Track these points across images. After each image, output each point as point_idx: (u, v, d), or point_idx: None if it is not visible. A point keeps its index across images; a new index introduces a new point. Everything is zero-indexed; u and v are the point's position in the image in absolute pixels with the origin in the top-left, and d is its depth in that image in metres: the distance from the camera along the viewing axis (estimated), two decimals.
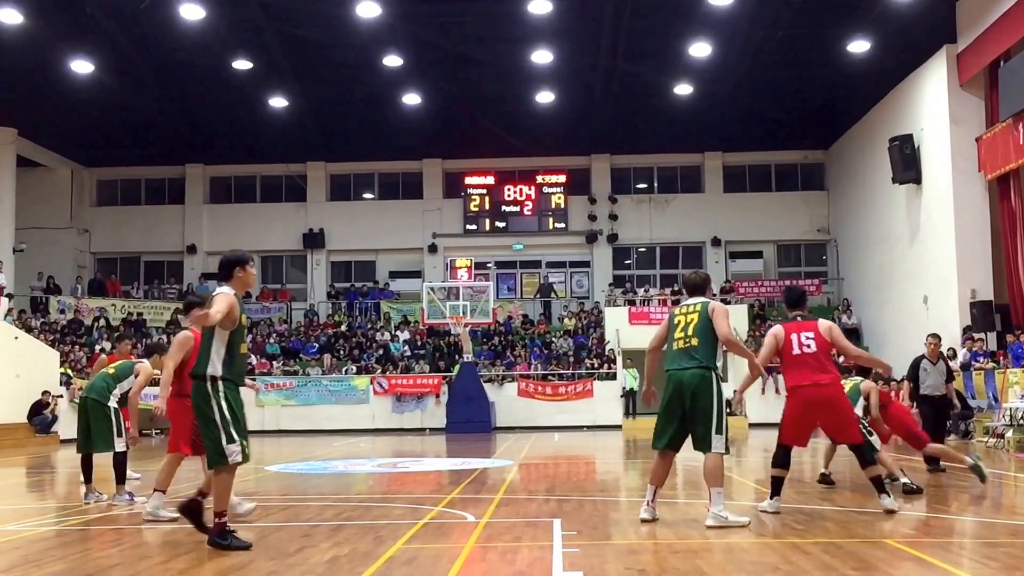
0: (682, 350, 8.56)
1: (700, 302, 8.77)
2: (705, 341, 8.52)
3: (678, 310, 8.85)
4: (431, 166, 38.43)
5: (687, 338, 8.57)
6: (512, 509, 9.88)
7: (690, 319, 8.65)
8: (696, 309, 8.69)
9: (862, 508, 9.60)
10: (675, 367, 8.55)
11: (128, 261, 39.20)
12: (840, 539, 7.63)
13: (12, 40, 25.69)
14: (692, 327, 8.59)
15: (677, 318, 8.77)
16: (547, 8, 25.24)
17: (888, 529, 8.23)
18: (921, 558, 6.78)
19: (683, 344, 8.56)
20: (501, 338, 34.43)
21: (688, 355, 8.50)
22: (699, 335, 8.53)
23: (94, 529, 9.01)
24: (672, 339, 8.70)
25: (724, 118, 33.73)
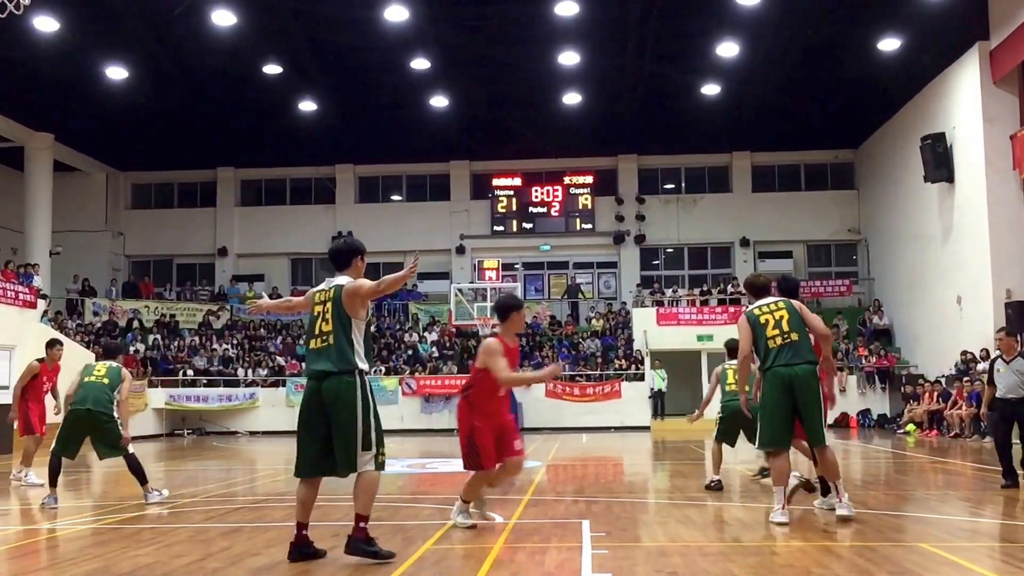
0: (784, 346, 8.58)
1: (779, 300, 8.86)
2: (804, 336, 8.62)
3: (757, 310, 8.84)
4: (459, 168, 38.53)
5: (785, 334, 8.60)
6: (540, 510, 9.93)
7: (779, 316, 8.68)
8: (781, 306, 8.75)
9: (897, 511, 9.57)
10: (782, 363, 8.55)
11: (161, 264, 39.55)
12: (874, 542, 7.61)
13: (49, 47, 26.00)
14: (787, 322, 8.63)
15: (763, 317, 8.75)
16: (574, 9, 25.25)
17: (923, 533, 8.20)
18: (957, 562, 6.73)
19: (783, 340, 8.59)
20: (529, 339, 34.43)
21: (793, 351, 8.55)
22: (797, 330, 8.61)
23: (129, 528, 9.14)
24: (765, 337, 8.67)
25: (752, 118, 33.58)
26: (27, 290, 28.00)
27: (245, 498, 12.08)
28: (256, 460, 20.25)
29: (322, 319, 7.02)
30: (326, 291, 7.10)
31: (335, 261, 7.32)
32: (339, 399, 6.83)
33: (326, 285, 7.14)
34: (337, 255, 7.32)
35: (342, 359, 6.88)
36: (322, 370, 6.91)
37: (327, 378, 6.89)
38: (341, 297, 6.99)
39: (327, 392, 6.88)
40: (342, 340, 6.92)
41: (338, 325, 6.95)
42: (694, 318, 32.38)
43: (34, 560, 7.68)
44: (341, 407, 6.83)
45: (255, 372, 32.54)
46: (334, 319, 6.97)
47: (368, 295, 7.02)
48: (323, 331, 7.01)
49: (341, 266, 7.27)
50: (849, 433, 27.23)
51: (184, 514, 10.05)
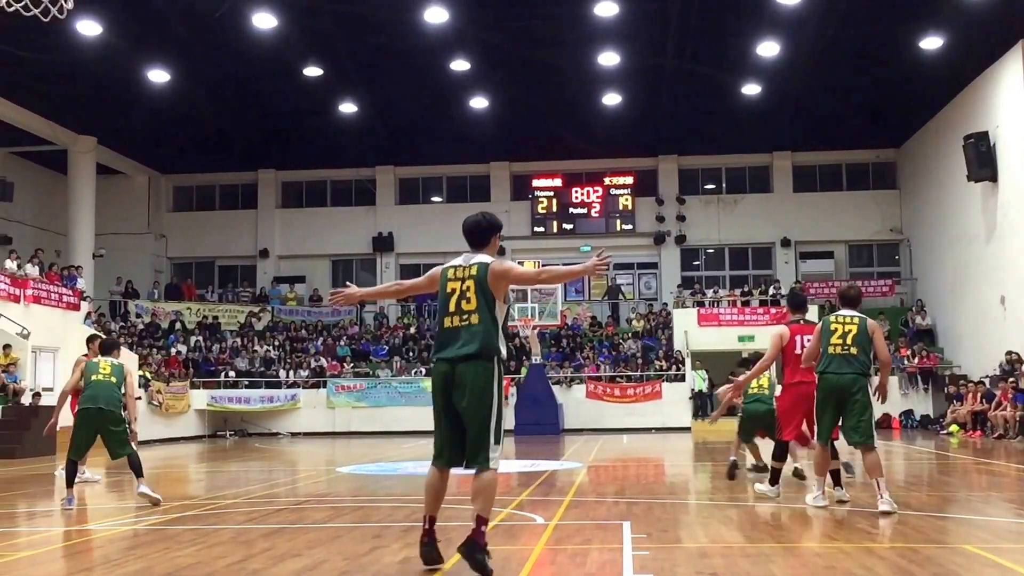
0: (841, 355, 9.37)
1: (858, 316, 9.56)
2: (863, 352, 9.41)
3: (834, 318, 9.59)
4: (499, 169, 38.56)
5: (847, 346, 9.38)
6: (581, 511, 9.90)
7: (848, 329, 9.43)
8: (854, 322, 9.48)
9: (940, 513, 9.46)
10: (833, 370, 9.37)
11: (203, 265, 39.92)
12: (917, 544, 7.52)
13: (91, 51, 26.32)
14: (851, 337, 9.39)
15: (834, 325, 9.50)
16: (613, 10, 25.18)
17: (967, 534, 8.10)
18: (1002, 564, 6.63)
19: (841, 350, 9.37)
20: (569, 340, 34.42)
21: (847, 361, 9.35)
22: (858, 346, 9.37)
23: (171, 529, 9.21)
24: (828, 343, 9.45)
25: (793, 117, 33.32)
26: (71, 292, 28.42)
27: (287, 499, 12.15)
28: (297, 461, 20.38)
29: (462, 297, 6.46)
30: (465, 268, 6.54)
31: (474, 236, 6.75)
32: (477, 385, 6.35)
33: (464, 261, 6.60)
34: (477, 230, 6.76)
35: (487, 341, 6.37)
36: (464, 353, 6.36)
37: (466, 361, 6.36)
38: (486, 276, 6.47)
39: (463, 375, 6.37)
40: (488, 321, 6.41)
41: (483, 304, 6.42)
42: (735, 319, 32.19)
43: (76, 561, 7.77)
44: (479, 394, 6.35)
45: (296, 373, 32.75)
46: (478, 297, 6.43)
47: (518, 280, 6.63)
48: (464, 309, 6.44)
49: (480, 243, 6.72)
50: (892, 434, 26.94)
51: (226, 515, 10.12)
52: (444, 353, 6.44)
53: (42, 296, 26.86)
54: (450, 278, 6.54)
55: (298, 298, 37.97)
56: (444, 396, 6.45)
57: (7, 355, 23.40)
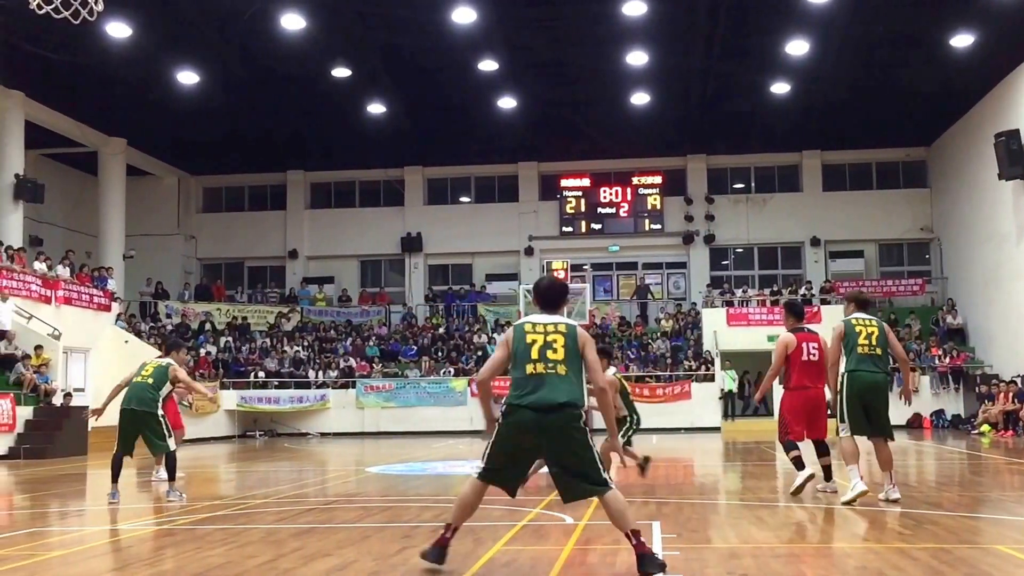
0: (868, 356, 9.90)
1: (874, 318, 10.17)
2: (885, 353, 10.02)
3: (855, 321, 10.12)
4: (527, 169, 38.54)
5: (872, 347, 9.94)
6: None
7: (871, 331, 10.00)
8: (873, 324, 10.07)
9: (972, 513, 9.36)
10: (863, 369, 9.86)
11: (232, 266, 40.14)
12: (949, 544, 7.45)
13: (121, 53, 26.50)
14: (875, 338, 9.97)
15: (858, 327, 10.05)
16: (642, 9, 25.10)
17: (1000, 535, 8.01)
18: None
19: (868, 351, 9.91)
20: (598, 340, 34.32)
21: (873, 361, 9.89)
22: (881, 347, 9.95)
23: (201, 529, 9.25)
24: (856, 344, 9.94)
25: (823, 116, 33.10)
26: (102, 293, 28.66)
27: (316, 499, 12.18)
28: (327, 461, 20.44)
29: (548, 347, 6.46)
30: (550, 324, 6.58)
31: (552, 299, 6.84)
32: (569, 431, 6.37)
33: (544, 320, 6.63)
34: (556, 295, 6.90)
35: (574, 391, 6.43)
36: (557, 402, 6.34)
37: (559, 411, 6.35)
38: (576, 336, 6.54)
39: (552, 424, 6.36)
40: (574, 373, 6.47)
41: (573, 358, 6.47)
42: (764, 318, 32.01)
43: (108, 561, 7.81)
44: (572, 440, 6.37)
45: (325, 374, 32.86)
46: (567, 351, 6.47)
47: (591, 366, 6.58)
48: (551, 359, 6.45)
49: (556, 306, 6.83)
50: (923, 434, 26.71)
51: (256, 515, 10.16)
52: (528, 400, 6.40)
53: (73, 297, 27.11)
54: (529, 331, 6.57)
55: (327, 298, 38.11)
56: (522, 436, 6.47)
57: (38, 356, 23.61)
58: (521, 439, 6.45)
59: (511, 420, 6.48)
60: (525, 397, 6.40)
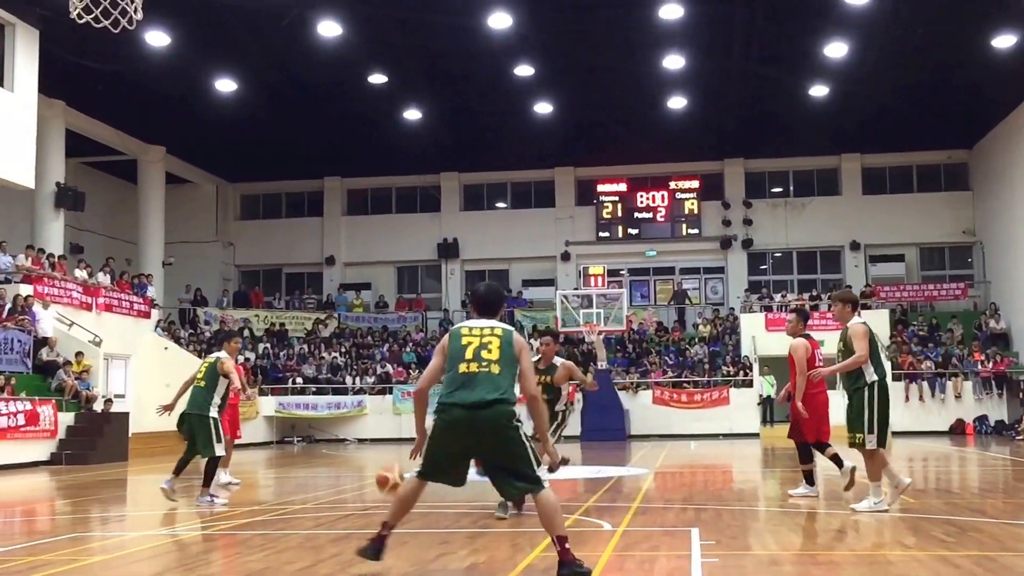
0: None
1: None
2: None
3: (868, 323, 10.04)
4: (563, 174, 38.49)
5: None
6: (649, 518, 9.79)
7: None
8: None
9: (1016, 520, 9.19)
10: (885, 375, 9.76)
11: (270, 273, 40.39)
12: (993, 552, 7.32)
13: (160, 61, 26.78)
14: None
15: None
16: (678, 13, 25.00)
17: None
18: None
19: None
20: (635, 345, 34.22)
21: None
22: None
23: (241, 534, 9.28)
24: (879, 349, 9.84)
25: (862, 119, 32.80)
26: (141, 300, 28.92)
27: (354, 505, 12.20)
28: (365, 467, 20.47)
29: (483, 348, 6.51)
30: (487, 328, 6.61)
31: (489, 305, 6.88)
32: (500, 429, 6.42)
33: (481, 324, 6.66)
34: (493, 301, 6.92)
35: (507, 389, 6.47)
36: (486, 399, 6.37)
37: (488, 407, 6.37)
38: (512, 340, 6.58)
39: (483, 422, 6.39)
40: (507, 374, 6.50)
41: (508, 359, 6.52)
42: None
43: (149, 565, 7.84)
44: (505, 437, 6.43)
45: (362, 380, 32.95)
46: (502, 352, 6.51)
47: (523, 371, 6.66)
48: (485, 358, 6.49)
49: (493, 312, 6.85)
50: (965, 440, 26.35)
51: (294, 521, 10.18)
52: (458, 397, 6.41)
53: (113, 304, 27.38)
54: (464, 334, 6.59)
55: (364, 305, 38.22)
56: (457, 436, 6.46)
57: (79, 362, 23.86)
58: (454, 436, 6.43)
59: (443, 418, 6.49)
60: (455, 394, 6.42)
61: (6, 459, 19.81)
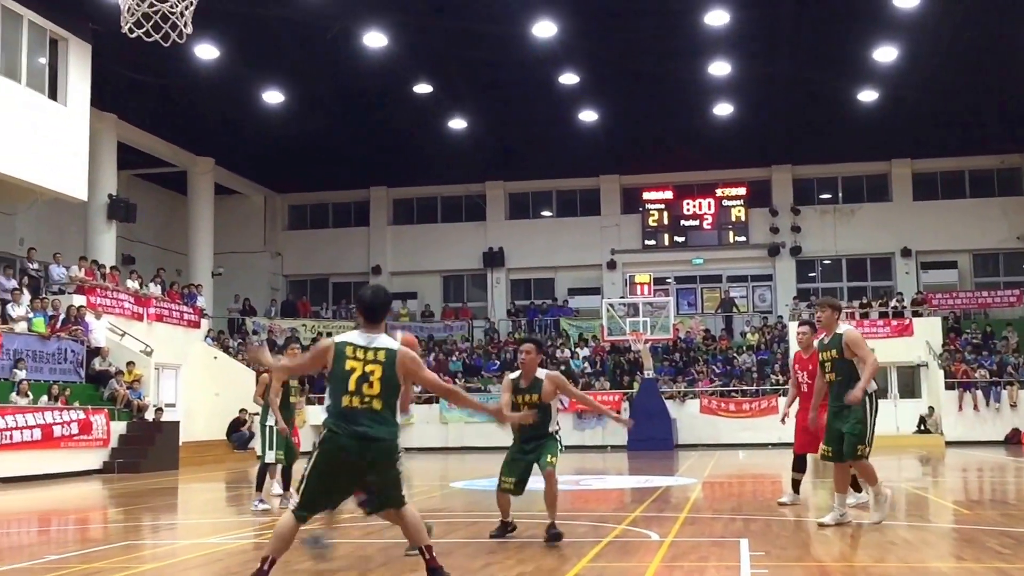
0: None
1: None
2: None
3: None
4: (608, 182, 38.40)
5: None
6: (697, 528, 9.69)
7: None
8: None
9: None
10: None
11: (317, 282, 40.67)
12: None
13: (209, 74, 27.12)
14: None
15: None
16: (724, 19, 24.85)
17: None
18: None
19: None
20: (682, 354, 34.00)
21: None
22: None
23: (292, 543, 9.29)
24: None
25: (912, 123, 32.36)
26: (191, 310, 29.25)
27: None
28: (411, 476, 20.48)
29: (364, 380, 6.33)
30: (371, 351, 6.40)
31: (376, 312, 6.61)
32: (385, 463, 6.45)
33: (365, 343, 6.45)
34: (380, 307, 6.66)
35: (388, 421, 6.42)
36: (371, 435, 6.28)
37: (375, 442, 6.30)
38: (395, 363, 6.41)
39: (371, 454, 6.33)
40: (388, 405, 6.41)
41: (389, 389, 6.39)
42: None
43: (198, 574, 7.91)
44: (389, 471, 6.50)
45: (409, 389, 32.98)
46: (383, 383, 6.35)
47: (424, 383, 6.77)
48: (366, 393, 6.31)
49: (379, 319, 6.63)
50: (1020, 450, 25.86)
51: (343, 530, 10.20)
52: (345, 428, 6.27)
53: (164, 314, 27.72)
54: (349, 356, 6.43)
55: (410, 314, 38.36)
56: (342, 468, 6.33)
57: (131, 372, 24.15)
58: (340, 464, 6.30)
59: (330, 447, 6.31)
60: (344, 427, 6.27)
61: (60, 467, 20.09)
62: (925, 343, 30.15)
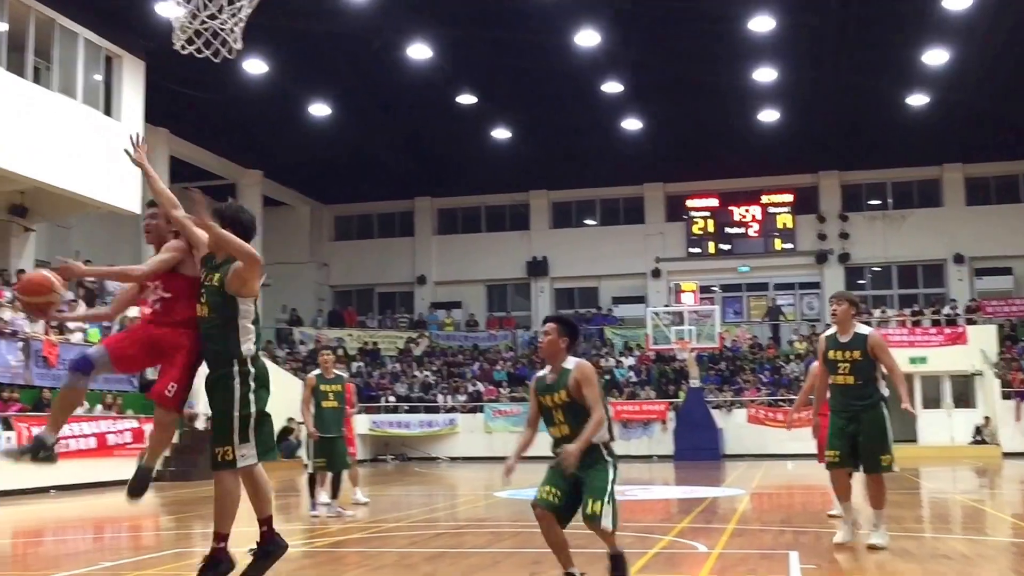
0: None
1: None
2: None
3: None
4: (652, 190, 38.25)
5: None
6: (745, 540, 9.60)
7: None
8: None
9: None
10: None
11: (363, 292, 40.90)
12: None
13: (258, 88, 27.46)
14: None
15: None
16: (769, 25, 24.67)
17: None
18: None
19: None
20: (728, 363, 33.73)
21: None
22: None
23: (338, 551, 9.35)
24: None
25: (964, 127, 31.87)
26: None
27: (447, 524, 12.22)
28: (456, 486, 20.53)
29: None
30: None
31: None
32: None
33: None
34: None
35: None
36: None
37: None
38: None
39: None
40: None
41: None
42: (905, 339, 30.86)
43: None
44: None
45: (454, 398, 33.11)
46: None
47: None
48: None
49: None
50: None
51: (389, 539, 10.23)
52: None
53: None
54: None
55: (455, 323, 38.46)
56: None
57: None
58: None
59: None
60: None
61: (114, 475, 20.27)
62: (980, 351, 29.65)
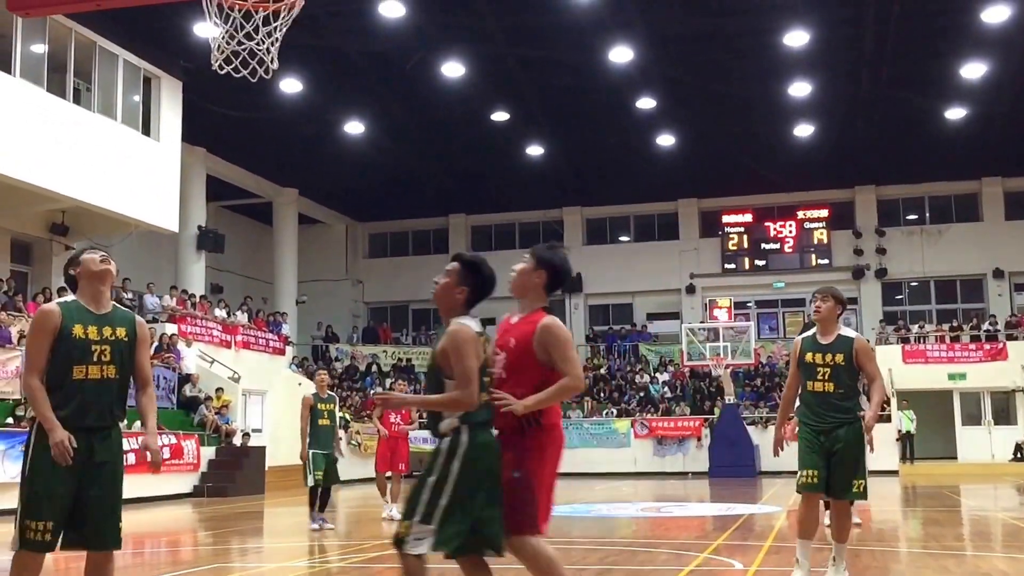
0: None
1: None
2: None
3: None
4: (686, 206, 38.17)
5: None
6: (782, 557, 9.53)
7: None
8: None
9: None
10: None
11: (397, 309, 41.02)
12: None
13: (293, 107, 27.72)
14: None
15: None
16: (804, 39, 24.59)
17: None
18: None
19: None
20: (764, 379, 33.53)
21: None
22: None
23: (373, 567, 9.39)
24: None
25: (1004, 141, 31.51)
26: (276, 338, 29.73)
27: None
28: None
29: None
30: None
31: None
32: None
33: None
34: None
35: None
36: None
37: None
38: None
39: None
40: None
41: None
42: (944, 355, 30.59)
43: None
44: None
45: None
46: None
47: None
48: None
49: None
50: None
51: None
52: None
53: (251, 342, 28.21)
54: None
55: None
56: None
57: (219, 398, 24.61)
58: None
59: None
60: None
61: (153, 491, 20.47)
62: (1021, 367, 29.30)
